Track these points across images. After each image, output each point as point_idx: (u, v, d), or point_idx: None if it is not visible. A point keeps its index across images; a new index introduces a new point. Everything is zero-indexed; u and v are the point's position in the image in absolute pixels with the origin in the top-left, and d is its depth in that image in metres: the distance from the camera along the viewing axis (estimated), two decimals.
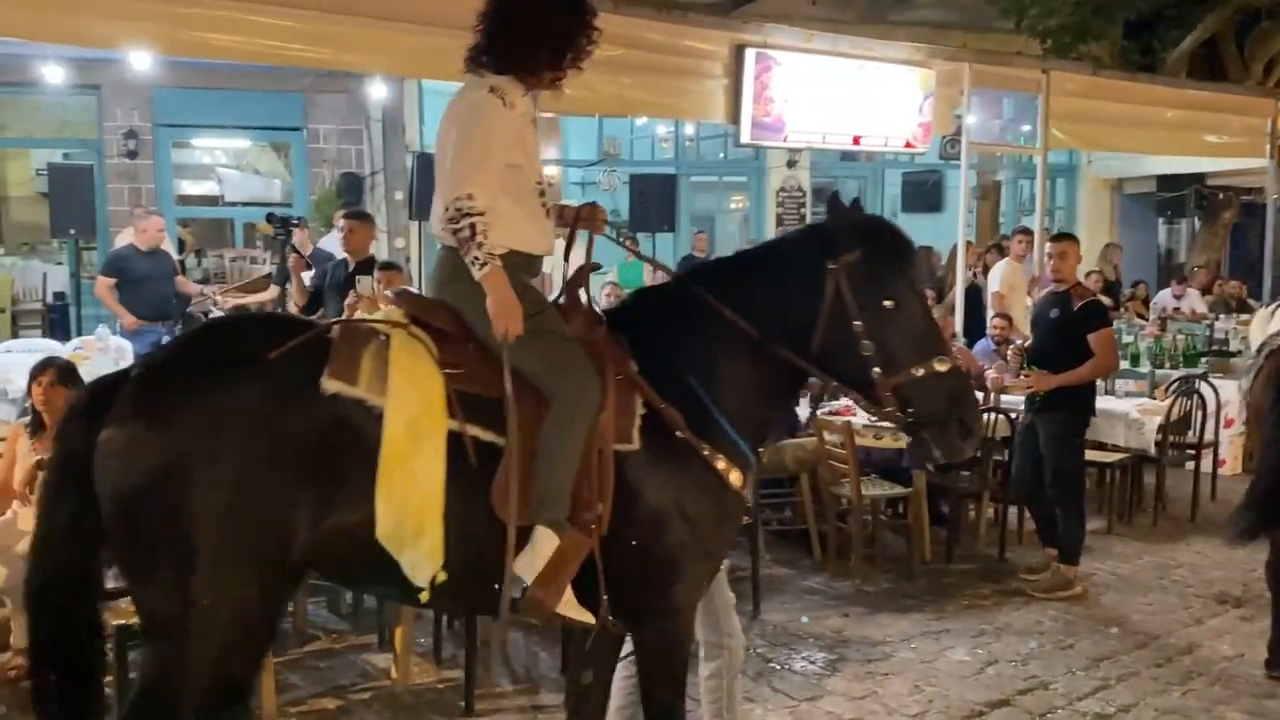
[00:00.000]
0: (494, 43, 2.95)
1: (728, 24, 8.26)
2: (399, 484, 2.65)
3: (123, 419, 2.59)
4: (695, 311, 3.03)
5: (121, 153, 11.38)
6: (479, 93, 2.90)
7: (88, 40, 6.05)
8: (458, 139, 2.89)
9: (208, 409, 2.57)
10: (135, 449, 2.56)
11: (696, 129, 14.26)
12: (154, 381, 2.68)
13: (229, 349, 2.75)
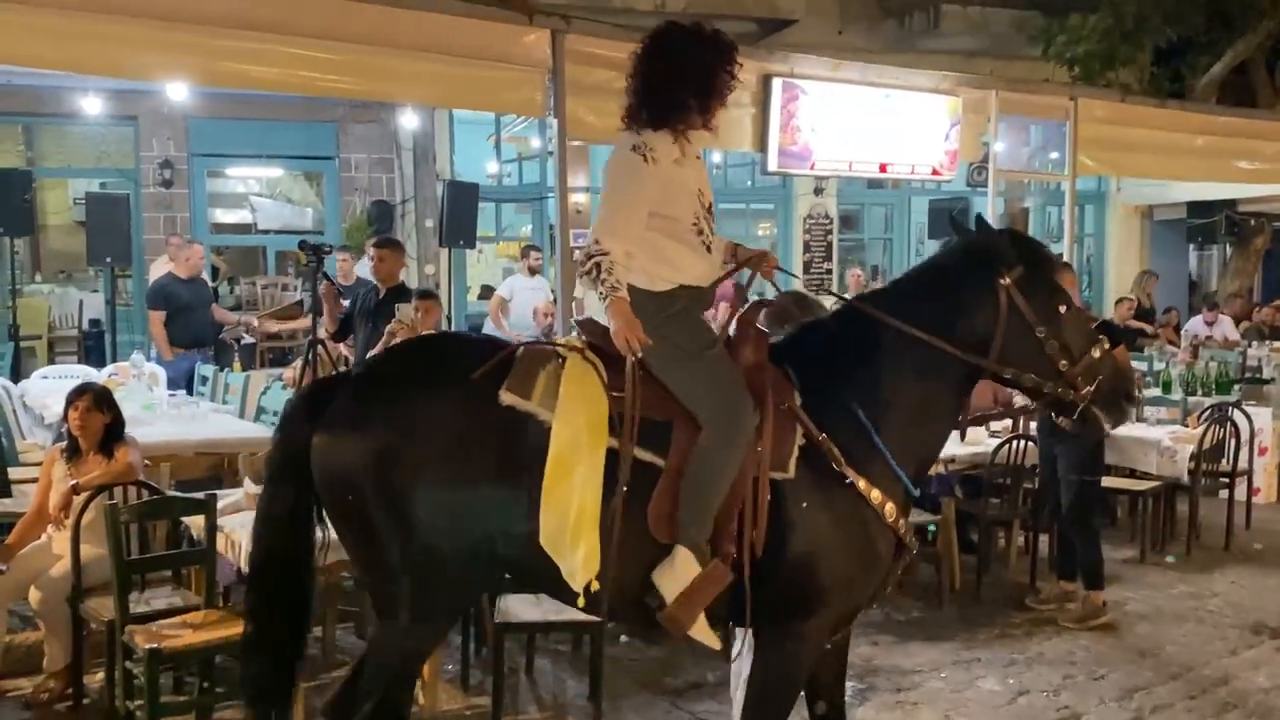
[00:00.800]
0: (645, 103, 3.14)
1: (755, 54, 8.31)
2: (561, 494, 2.89)
3: (335, 420, 2.99)
4: (865, 339, 3.23)
5: (157, 182, 11.57)
6: (624, 151, 3.13)
7: (126, 72, 6.17)
8: (604, 192, 3.19)
9: (404, 415, 2.93)
10: (345, 447, 2.95)
11: (724, 157, 14.31)
12: (363, 388, 3.07)
13: (430, 364, 3.13)
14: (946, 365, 3.18)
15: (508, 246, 14.71)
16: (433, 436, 2.91)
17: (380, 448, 2.91)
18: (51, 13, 5.20)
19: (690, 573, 2.96)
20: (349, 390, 3.07)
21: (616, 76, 6.88)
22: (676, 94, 3.12)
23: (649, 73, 3.14)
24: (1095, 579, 5.90)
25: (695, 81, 3.13)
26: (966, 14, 13.62)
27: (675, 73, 3.12)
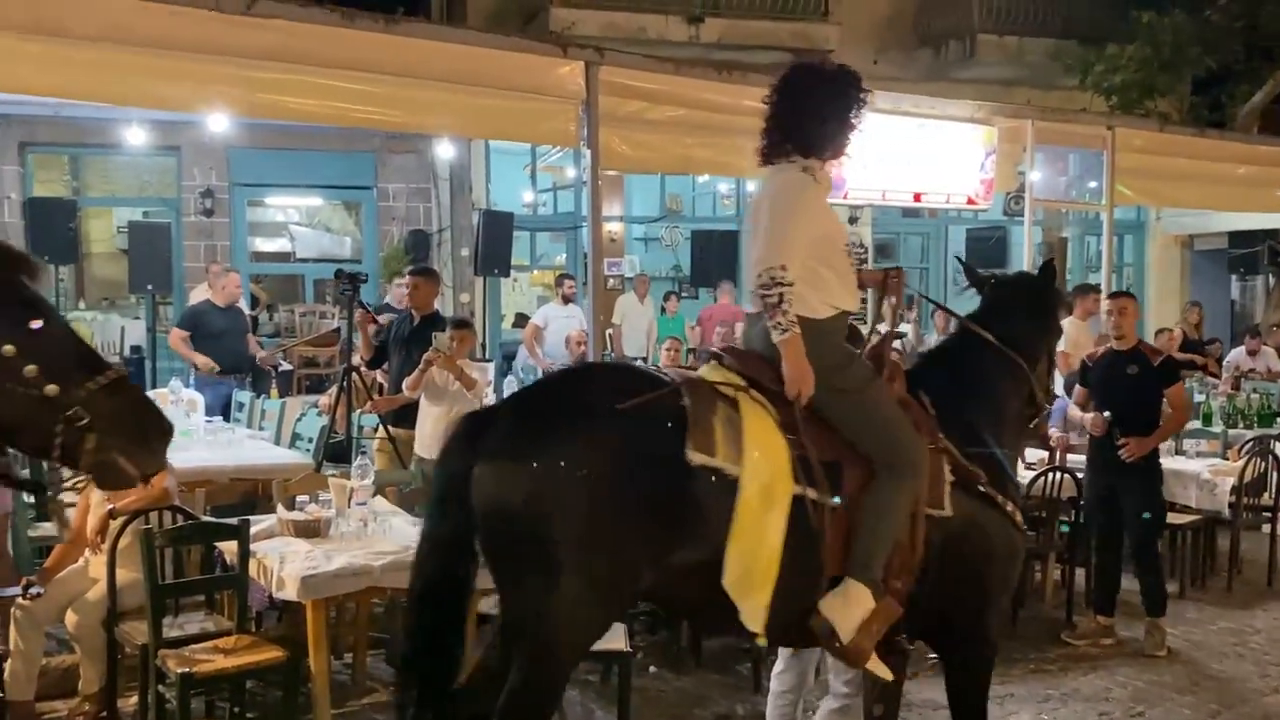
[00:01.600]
0: (795, 134, 3.34)
1: None
2: (749, 543, 3.00)
3: (495, 452, 2.99)
4: (980, 360, 3.63)
5: (198, 211, 11.76)
6: (793, 173, 3.32)
7: (170, 104, 6.30)
8: (773, 215, 3.26)
9: (568, 453, 2.93)
10: (505, 479, 2.95)
11: (758, 185, 14.33)
12: (523, 420, 3.06)
13: (589, 396, 3.12)
14: (1026, 386, 3.71)
15: (542, 275, 14.80)
16: (603, 474, 2.91)
17: (548, 483, 2.90)
18: (97, 47, 5.32)
19: (865, 606, 3.12)
20: (512, 421, 3.06)
21: (649, 107, 7.07)
22: (820, 125, 3.33)
23: (791, 108, 3.35)
24: (1162, 607, 5.97)
25: (835, 113, 3.35)
26: (1002, 43, 13.61)
27: (815, 106, 3.33)
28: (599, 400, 3.05)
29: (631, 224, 14.85)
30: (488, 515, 2.97)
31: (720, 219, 14.77)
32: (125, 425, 2.33)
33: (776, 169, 3.36)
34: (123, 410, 2.34)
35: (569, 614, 2.92)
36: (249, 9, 5.59)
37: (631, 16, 12.09)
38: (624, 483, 2.92)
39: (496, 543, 2.99)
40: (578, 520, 2.88)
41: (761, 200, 3.37)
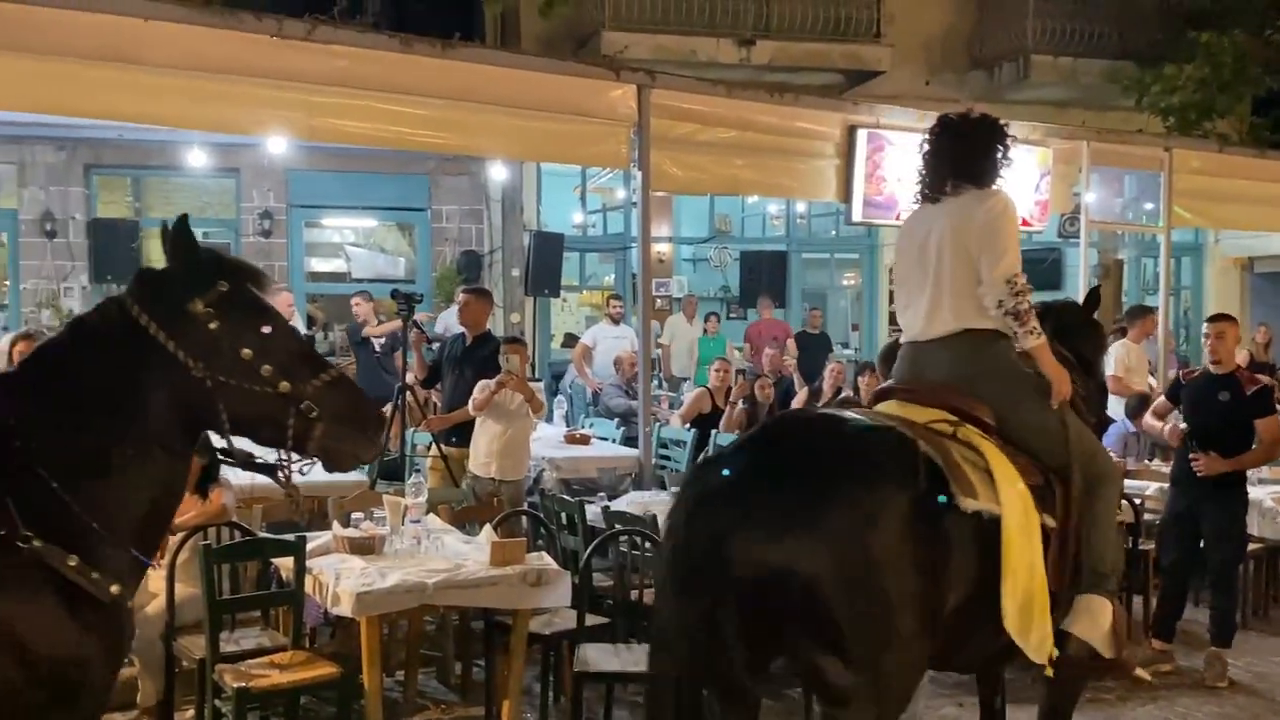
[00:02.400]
0: (975, 167, 3.60)
1: (840, 105, 8.34)
2: (1021, 578, 3.05)
3: (766, 519, 2.88)
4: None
5: (257, 231, 11.97)
6: (998, 197, 3.54)
7: (233, 127, 6.45)
8: (994, 234, 3.44)
9: (845, 515, 2.88)
10: (788, 547, 2.85)
11: (808, 207, 14.33)
12: (784, 482, 2.95)
13: (835, 449, 3.07)
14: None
15: (591, 295, 14.87)
16: (885, 530, 2.89)
17: (833, 546, 2.84)
18: (164, 73, 5.47)
19: (1109, 617, 3.27)
20: (770, 484, 2.94)
21: (700, 129, 7.12)
22: (990, 158, 3.60)
23: (960, 146, 3.62)
24: (1230, 637, 5.91)
25: (1000, 149, 3.64)
26: (1056, 64, 13.48)
27: (982, 145, 3.62)
28: (851, 454, 3.03)
29: (680, 244, 14.90)
30: (766, 584, 2.84)
31: (769, 239, 14.77)
32: (347, 415, 2.64)
33: (969, 197, 3.53)
34: (344, 402, 2.65)
35: (896, 678, 2.91)
36: (309, 35, 5.73)
37: (683, 40, 12.16)
38: (906, 536, 2.90)
39: (780, 612, 2.88)
40: (867, 578, 2.84)
41: (967, 224, 3.48)
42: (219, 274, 2.61)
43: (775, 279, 12.20)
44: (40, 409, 2.51)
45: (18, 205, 11.51)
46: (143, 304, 2.56)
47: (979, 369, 3.41)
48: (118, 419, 2.51)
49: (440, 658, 5.56)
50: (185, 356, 2.52)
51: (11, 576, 2.40)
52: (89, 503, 2.48)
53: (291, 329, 2.74)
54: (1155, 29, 13.40)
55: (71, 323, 2.71)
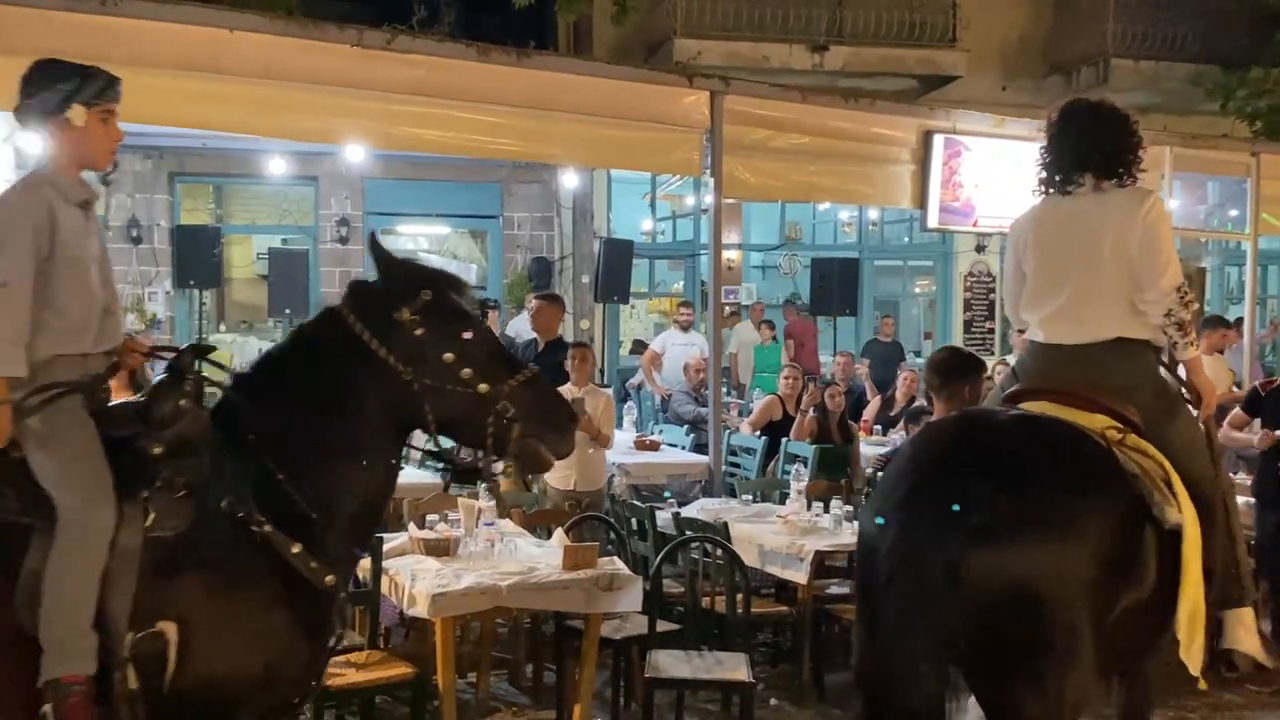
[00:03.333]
0: (1116, 161, 3.47)
1: (916, 110, 8.27)
2: (1192, 591, 3.01)
3: (999, 533, 2.73)
4: None
5: (334, 239, 12.19)
6: (1156, 200, 3.43)
7: (313, 136, 6.59)
8: (1157, 241, 3.33)
9: (1080, 527, 2.81)
10: (1023, 562, 2.73)
11: (881, 213, 14.19)
12: (1012, 493, 2.79)
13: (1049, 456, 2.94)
14: None
15: (659, 302, 14.89)
16: (1104, 542, 2.83)
17: (1067, 560, 2.76)
18: (248, 83, 5.61)
19: (1254, 622, 3.30)
20: (998, 495, 2.78)
21: (773, 135, 7.10)
22: (1133, 153, 3.49)
23: (1097, 137, 3.47)
24: None
25: (1138, 144, 3.52)
26: (1138, 68, 13.19)
27: (1124, 137, 3.50)
28: (1066, 461, 2.93)
29: (750, 251, 14.84)
30: (1000, 605, 2.70)
31: (841, 247, 14.64)
32: (542, 414, 2.80)
33: (1125, 194, 3.43)
34: (539, 402, 2.81)
35: (1080, 696, 2.80)
36: (389, 44, 5.83)
37: (755, 46, 12.12)
38: (1118, 547, 2.86)
39: (1009, 634, 2.73)
40: (1088, 595, 2.76)
41: (1129, 222, 3.35)
42: (422, 284, 2.81)
43: (846, 286, 12.04)
44: (268, 407, 2.75)
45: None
46: (356, 313, 2.79)
47: (1134, 379, 3.29)
48: (336, 418, 2.75)
49: (511, 660, 5.60)
50: (395, 361, 2.74)
51: (243, 559, 2.62)
52: (311, 495, 2.69)
53: (489, 333, 2.91)
54: (1240, 31, 13.04)
55: (293, 331, 3.01)
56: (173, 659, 2.55)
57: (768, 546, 5.42)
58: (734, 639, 4.88)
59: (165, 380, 2.74)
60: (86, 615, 2.50)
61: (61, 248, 2.70)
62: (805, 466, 6.63)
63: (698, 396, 9.19)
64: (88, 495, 2.55)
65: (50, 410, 2.63)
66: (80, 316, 2.74)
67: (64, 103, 2.76)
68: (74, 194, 2.81)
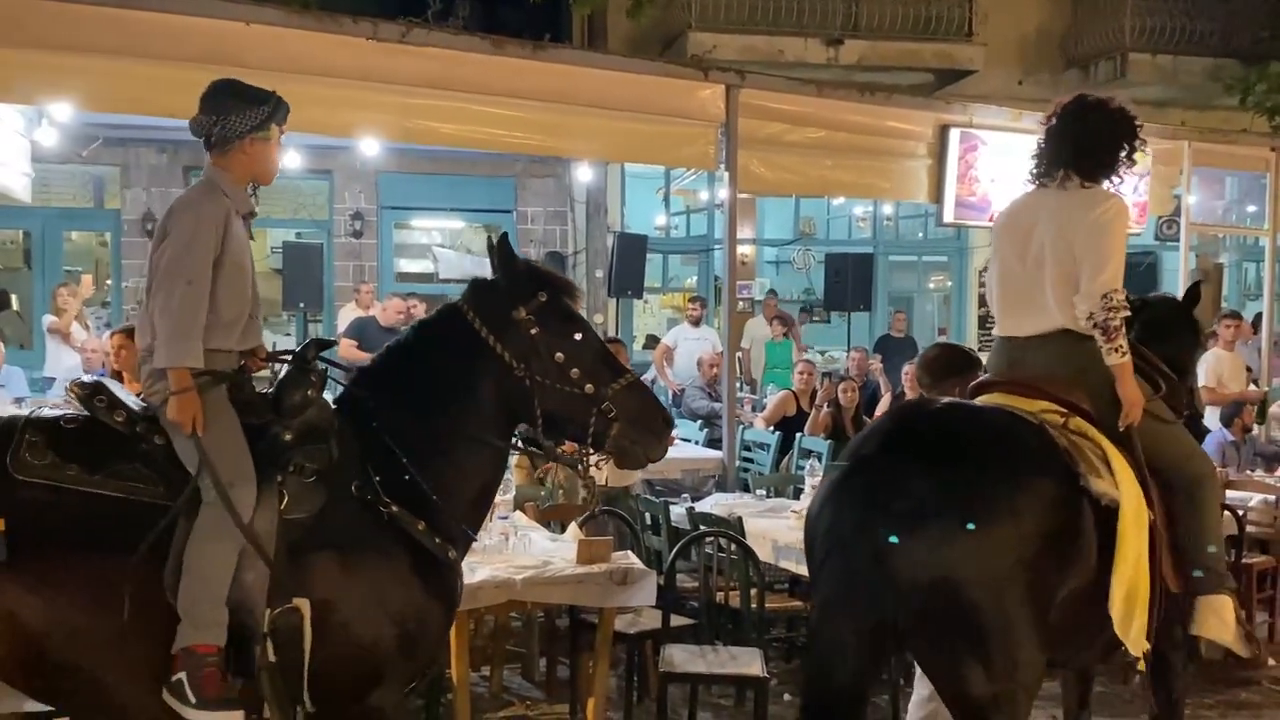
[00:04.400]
0: (1092, 159, 3.44)
1: (932, 104, 8.23)
2: (1129, 568, 3.02)
3: (928, 518, 2.82)
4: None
5: (348, 232, 12.22)
6: (1111, 202, 3.39)
7: (329, 129, 6.56)
8: (1099, 242, 3.31)
9: (1012, 507, 2.87)
10: (953, 547, 2.80)
11: (895, 208, 14.15)
12: (943, 477, 2.88)
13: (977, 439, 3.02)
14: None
15: (673, 297, 14.87)
16: (1040, 521, 2.88)
17: (998, 544, 2.81)
18: (264, 76, 5.57)
19: (1232, 613, 3.30)
20: (927, 480, 2.88)
21: (788, 129, 7.08)
22: (1111, 153, 3.44)
23: (1082, 133, 3.41)
24: None
25: (1124, 145, 3.47)
26: (1156, 63, 13.10)
27: (1106, 137, 3.44)
28: (993, 444, 2.99)
29: (764, 246, 14.80)
30: (932, 589, 2.79)
31: (855, 242, 14.60)
32: (640, 417, 2.98)
33: (1089, 195, 3.40)
34: (638, 404, 3.00)
35: (1029, 676, 2.87)
36: (404, 37, 5.83)
37: (770, 39, 12.09)
38: (1052, 526, 2.89)
39: (945, 618, 2.81)
40: (1021, 573, 2.81)
41: (1074, 225, 3.35)
42: (539, 286, 3.01)
43: (861, 281, 12.00)
44: (393, 397, 2.96)
45: (121, 206, 11.90)
46: (475, 310, 3.00)
47: (1077, 366, 3.33)
48: (455, 408, 2.95)
49: (525, 654, 5.60)
50: (510, 358, 2.94)
51: (376, 537, 2.82)
52: (432, 478, 2.89)
53: (596, 337, 3.11)
54: (1260, 25, 12.95)
55: (415, 324, 3.20)
56: (308, 633, 2.72)
57: (782, 542, 5.40)
58: (748, 634, 4.87)
59: (292, 372, 2.95)
60: (222, 591, 2.69)
61: (229, 253, 2.93)
62: (819, 462, 6.62)
63: (711, 392, 9.17)
64: (230, 478, 2.75)
65: (201, 399, 2.82)
66: (233, 316, 2.96)
67: (265, 122, 2.99)
68: (242, 206, 3.05)
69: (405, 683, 2.98)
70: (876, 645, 2.90)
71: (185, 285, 2.84)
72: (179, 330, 2.83)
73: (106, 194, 12.27)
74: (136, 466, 2.80)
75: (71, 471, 2.75)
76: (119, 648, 2.70)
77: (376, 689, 2.83)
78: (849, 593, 2.88)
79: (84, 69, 5.38)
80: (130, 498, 2.76)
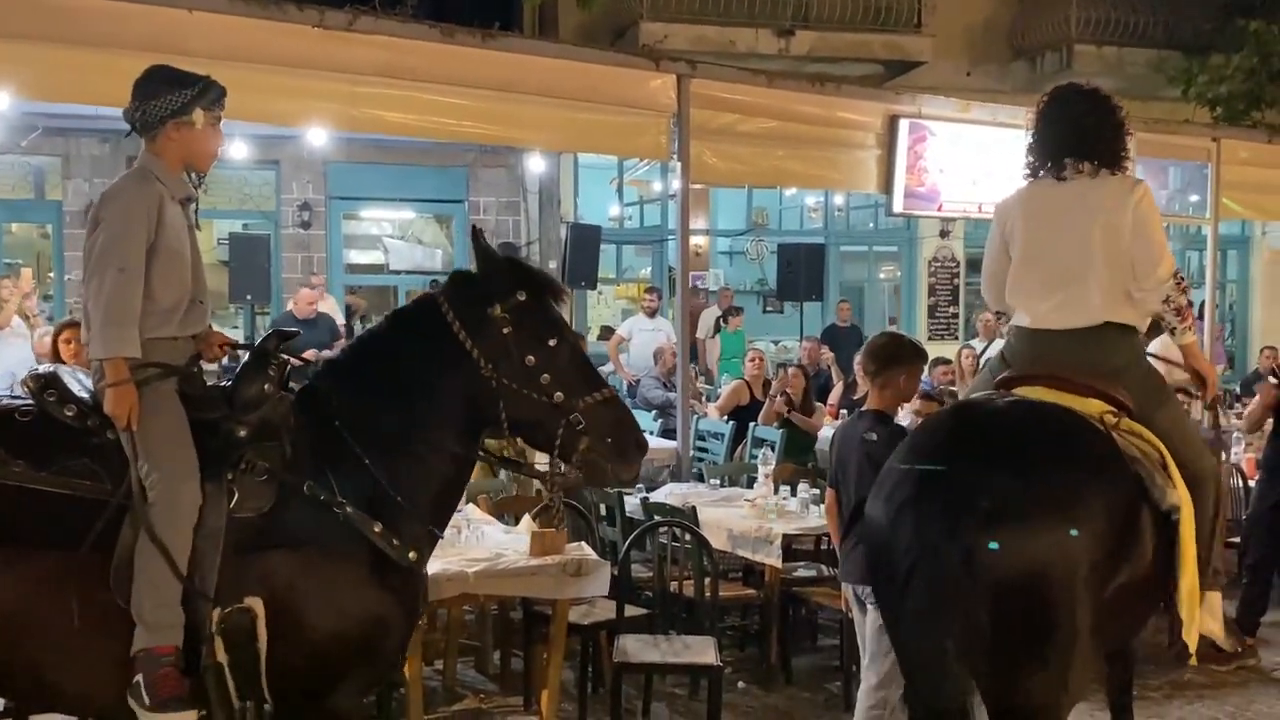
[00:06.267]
0: (1107, 147, 3.43)
1: (881, 95, 8.28)
2: (1190, 571, 3.03)
3: (1016, 518, 2.77)
4: None
5: (296, 223, 12.06)
6: (1144, 188, 3.41)
7: (276, 119, 6.48)
8: (1150, 230, 3.33)
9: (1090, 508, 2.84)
10: (1041, 546, 2.77)
11: (846, 199, 14.23)
12: (1025, 476, 2.84)
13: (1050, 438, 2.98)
14: None
15: (627, 288, 14.86)
16: (1113, 523, 2.88)
17: (1081, 543, 2.78)
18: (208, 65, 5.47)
19: (1220, 606, 3.33)
20: (1011, 479, 2.81)
21: (740, 120, 7.08)
22: (1121, 138, 3.46)
23: (1086, 121, 3.41)
24: None
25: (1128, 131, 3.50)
26: (1101, 54, 13.29)
27: (1117, 125, 3.46)
28: (1067, 445, 2.96)
29: (717, 237, 14.83)
30: (1012, 589, 2.73)
31: (807, 232, 14.66)
32: (611, 434, 2.86)
33: (1117, 182, 3.40)
34: (612, 422, 2.88)
35: (1082, 675, 2.86)
36: (351, 25, 5.75)
37: (722, 30, 12.10)
38: (1120, 529, 2.89)
39: (1018, 619, 2.76)
40: (1090, 576, 2.78)
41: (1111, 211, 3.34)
42: (520, 284, 2.89)
43: (813, 272, 12.05)
44: (357, 391, 2.88)
45: (62, 197, 11.65)
46: (451, 303, 2.89)
47: (1124, 363, 3.31)
48: (420, 405, 2.85)
49: (479, 647, 5.57)
50: (479, 356, 2.84)
51: (328, 538, 2.74)
52: (393, 477, 2.81)
53: (576, 345, 2.99)
54: (1201, 18, 13.19)
55: (391, 314, 3.13)
56: (262, 633, 2.68)
57: (736, 530, 5.43)
58: (702, 623, 4.88)
59: (250, 365, 2.88)
60: (174, 590, 2.64)
61: (163, 239, 2.87)
62: (772, 451, 6.65)
63: (667, 382, 9.18)
64: (174, 476, 2.69)
65: (144, 391, 2.77)
66: (171, 303, 2.89)
67: (187, 106, 2.93)
68: (178, 191, 3.00)
69: (365, 685, 2.94)
70: (969, 652, 2.79)
71: (117, 273, 2.78)
72: (111, 318, 2.76)
73: (48, 185, 12.01)
74: (85, 462, 2.74)
75: (17, 468, 2.70)
76: (66, 646, 2.66)
77: (334, 691, 2.79)
78: (943, 601, 2.77)
79: (20, 56, 5.24)
80: (75, 494, 2.70)
